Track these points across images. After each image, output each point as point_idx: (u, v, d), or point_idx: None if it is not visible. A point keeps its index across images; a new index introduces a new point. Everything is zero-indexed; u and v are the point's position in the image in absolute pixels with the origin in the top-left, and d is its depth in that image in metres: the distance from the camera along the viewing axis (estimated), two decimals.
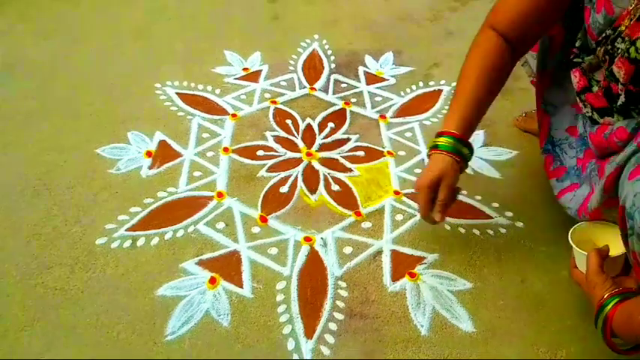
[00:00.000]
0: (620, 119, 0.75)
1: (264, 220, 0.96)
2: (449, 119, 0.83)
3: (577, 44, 0.83)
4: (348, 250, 0.91)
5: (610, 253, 0.74)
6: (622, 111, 0.74)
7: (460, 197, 1.02)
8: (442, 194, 0.80)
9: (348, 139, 1.14)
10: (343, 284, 0.86)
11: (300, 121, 1.19)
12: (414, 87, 1.30)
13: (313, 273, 0.88)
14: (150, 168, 1.05)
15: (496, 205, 1.00)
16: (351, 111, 1.22)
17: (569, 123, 0.89)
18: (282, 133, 1.15)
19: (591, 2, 0.77)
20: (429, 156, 0.83)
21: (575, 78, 0.81)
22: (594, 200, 0.74)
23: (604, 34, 0.74)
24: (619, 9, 0.71)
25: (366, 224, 0.96)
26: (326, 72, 1.34)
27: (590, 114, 0.81)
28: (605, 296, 0.69)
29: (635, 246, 0.62)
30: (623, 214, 0.63)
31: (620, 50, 0.71)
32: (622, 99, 0.73)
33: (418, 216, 0.97)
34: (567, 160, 0.87)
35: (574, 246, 0.78)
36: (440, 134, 0.83)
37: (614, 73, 0.72)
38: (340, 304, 0.83)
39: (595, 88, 0.78)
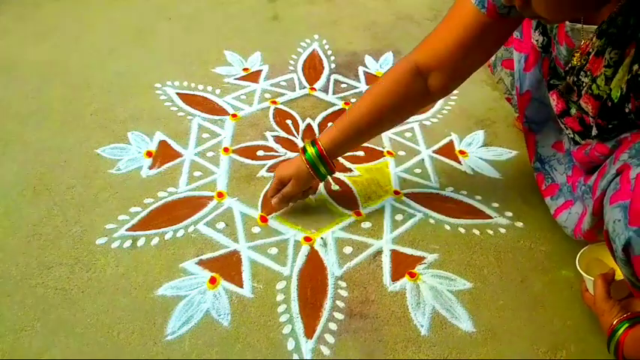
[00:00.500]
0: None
1: (264, 220, 0.96)
2: (328, 134, 0.88)
3: (551, 65, 0.83)
4: (348, 250, 0.92)
5: (615, 277, 0.75)
6: (599, 138, 0.75)
7: (460, 197, 1.02)
8: (287, 189, 0.90)
9: None
10: (343, 284, 0.86)
11: (300, 121, 1.19)
12: None
13: (313, 273, 0.88)
14: (150, 168, 1.05)
15: (496, 205, 1.00)
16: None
17: (555, 138, 0.90)
18: (283, 133, 1.15)
19: (554, 34, 0.78)
20: (301, 149, 0.89)
21: (554, 101, 0.81)
22: (586, 223, 0.74)
23: (569, 65, 0.74)
24: (577, 42, 0.72)
25: (366, 224, 0.96)
26: (326, 72, 1.34)
27: (572, 136, 0.81)
28: (614, 322, 0.71)
29: (622, 269, 0.63)
30: (608, 237, 0.64)
31: (584, 84, 0.71)
32: (594, 131, 0.74)
33: (418, 216, 0.98)
34: (558, 176, 0.88)
35: (581, 272, 0.78)
36: (314, 142, 0.88)
37: (583, 107, 0.73)
38: (340, 303, 0.83)
39: (573, 111, 0.79)
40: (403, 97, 0.83)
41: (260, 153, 1.10)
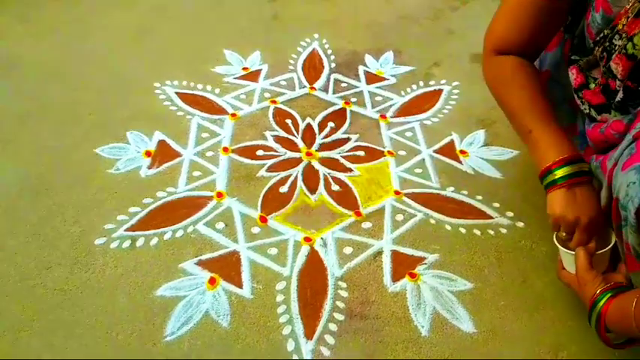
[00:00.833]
0: (617, 115, 0.75)
1: (263, 220, 0.96)
2: (545, 154, 0.75)
3: (575, 42, 0.82)
4: (348, 250, 0.91)
5: (596, 250, 0.74)
6: (620, 107, 0.74)
7: (461, 197, 1.02)
8: (582, 231, 0.74)
9: (348, 139, 1.14)
10: (343, 284, 0.86)
11: (300, 120, 1.19)
12: (414, 86, 1.29)
13: (313, 273, 0.87)
14: (149, 168, 1.05)
15: (497, 205, 1.00)
16: (351, 111, 1.22)
17: (569, 120, 0.89)
18: (282, 133, 1.15)
19: (590, 2, 0.77)
20: (550, 188, 0.75)
21: (573, 75, 0.80)
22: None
23: (602, 34, 0.73)
24: (617, 9, 0.71)
25: (366, 224, 0.96)
26: (326, 71, 1.33)
27: (587, 111, 0.80)
28: (598, 292, 0.69)
29: (629, 237, 0.61)
30: (617, 205, 0.62)
31: (617, 47, 0.70)
32: (620, 95, 0.72)
33: (418, 216, 0.97)
34: None
35: (560, 247, 0.77)
36: (550, 170, 0.74)
37: (612, 70, 0.72)
38: (340, 304, 0.83)
39: (592, 85, 0.78)
40: (537, 81, 0.81)
41: (260, 153, 1.10)
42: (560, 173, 0.73)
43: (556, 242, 0.78)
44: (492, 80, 0.84)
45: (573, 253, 0.75)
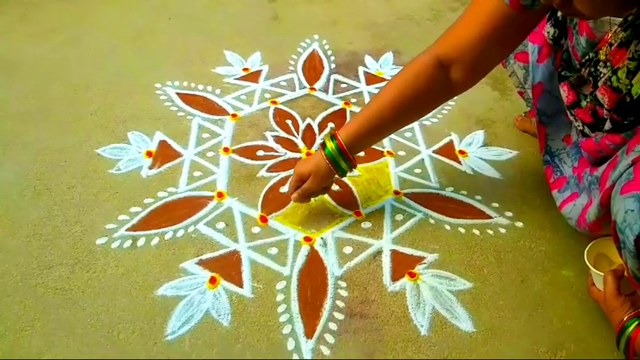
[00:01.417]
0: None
1: (264, 220, 0.96)
2: (347, 128, 0.86)
3: (564, 56, 0.82)
4: (348, 250, 0.92)
5: (625, 273, 0.74)
6: (611, 133, 0.74)
7: (460, 197, 1.02)
8: (307, 185, 0.89)
9: None
10: (343, 284, 0.86)
11: (300, 121, 1.19)
12: None
13: (313, 273, 0.88)
14: (150, 168, 1.05)
15: (496, 205, 1.00)
16: (351, 111, 1.22)
17: (565, 132, 0.89)
18: (283, 133, 1.15)
19: (573, 24, 0.77)
20: (320, 145, 0.88)
21: (564, 92, 0.80)
22: (592, 213, 0.73)
23: (587, 57, 0.73)
24: (600, 34, 0.71)
25: (366, 224, 0.96)
26: (326, 72, 1.34)
27: (581, 128, 0.80)
28: (625, 319, 0.71)
29: (629, 261, 0.62)
30: (615, 228, 0.63)
31: (602, 74, 0.70)
32: (608, 125, 0.73)
33: (418, 216, 0.98)
34: (566, 169, 0.87)
35: (590, 267, 0.78)
36: (333, 136, 0.86)
37: (599, 99, 0.72)
38: (340, 303, 0.83)
39: (584, 103, 0.78)
40: (425, 90, 0.81)
41: (260, 153, 1.10)
42: (330, 147, 0.86)
43: (587, 262, 0.79)
44: (406, 65, 0.83)
45: (602, 274, 0.76)
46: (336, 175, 0.90)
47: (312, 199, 0.95)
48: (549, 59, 0.87)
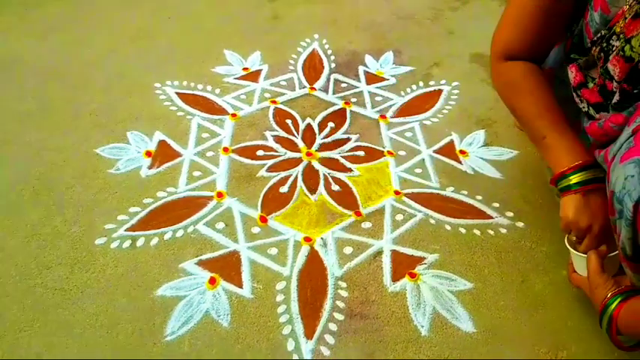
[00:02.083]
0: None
1: (264, 220, 0.96)
2: (560, 159, 0.76)
3: (575, 40, 0.82)
4: (348, 250, 0.91)
5: (607, 254, 0.74)
6: (616, 108, 0.74)
7: (461, 197, 1.02)
8: (596, 235, 0.75)
9: (348, 139, 1.14)
10: (343, 284, 0.86)
11: (300, 120, 1.19)
12: (414, 87, 1.29)
13: (313, 273, 0.87)
14: (149, 168, 1.05)
15: (497, 205, 1.00)
16: (351, 111, 1.22)
17: (574, 117, 0.89)
18: (282, 133, 1.15)
19: (589, 0, 0.77)
20: (584, 192, 0.75)
21: (572, 73, 0.81)
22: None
23: (599, 34, 0.73)
24: (615, 9, 0.71)
25: (366, 224, 0.96)
26: (326, 72, 1.33)
27: (586, 109, 0.80)
28: (609, 295, 0.70)
29: (622, 230, 0.61)
30: (613, 199, 0.62)
31: (614, 48, 0.70)
32: (616, 97, 0.72)
33: (418, 216, 0.97)
34: None
35: (571, 250, 0.78)
36: (563, 175, 0.76)
37: (609, 71, 0.72)
38: (340, 304, 0.83)
39: (590, 85, 0.78)
40: (547, 85, 0.81)
41: (260, 153, 1.10)
42: (574, 179, 0.74)
43: (567, 245, 0.78)
44: (503, 87, 0.84)
45: (584, 256, 0.75)
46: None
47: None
48: (560, 46, 0.87)
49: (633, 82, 0.69)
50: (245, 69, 1.33)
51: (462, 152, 1.12)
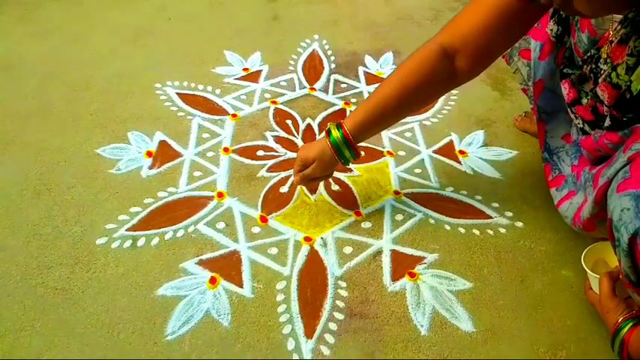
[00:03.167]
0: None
1: (264, 220, 0.96)
2: (353, 118, 0.85)
3: (566, 54, 0.82)
4: (348, 250, 0.92)
5: (620, 275, 0.74)
6: (610, 130, 0.74)
7: (460, 197, 1.02)
8: (309, 171, 0.89)
9: None
10: (343, 284, 0.86)
11: (300, 121, 1.19)
12: None
13: (313, 273, 0.88)
14: (150, 168, 1.05)
15: (496, 205, 1.00)
16: (350, 111, 1.22)
17: (565, 130, 0.89)
18: (283, 133, 1.15)
19: (575, 21, 0.77)
20: (326, 132, 0.87)
21: (565, 90, 0.81)
22: (586, 211, 0.73)
23: (589, 53, 0.73)
24: (601, 31, 0.71)
25: (366, 224, 0.96)
26: (326, 72, 1.34)
27: (581, 125, 0.80)
28: (620, 320, 0.71)
29: (622, 259, 0.63)
30: (611, 226, 0.63)
31: (603, 71, 0.70)
32: (608, 122, 0.73)
33: (418, 216, 0.98)
34: (565, 168, 0.88)
35: (587, 270, 0.78)
36: (339, 125, 0.86)
37: (599, 96, 0.72)
38: (340, 303, 0.83)
39: (584, 101, 0.78)
40: (429, 78, 0.81)
41: (260, 153, 1.10)
42: (335, 135, 0.85)
43: (584, 265, 0.79)
44: (410, 55, 0.83)
45: (598, 277, 0.76)
46: (340, 164, 0.89)
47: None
48: (551, 57, 0.87)
49: (622, 110, 0.69)
50: (245, 69, 1.33)
51: (462, 152, 1.12)
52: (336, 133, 0.85)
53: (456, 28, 0.79)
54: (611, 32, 0.68)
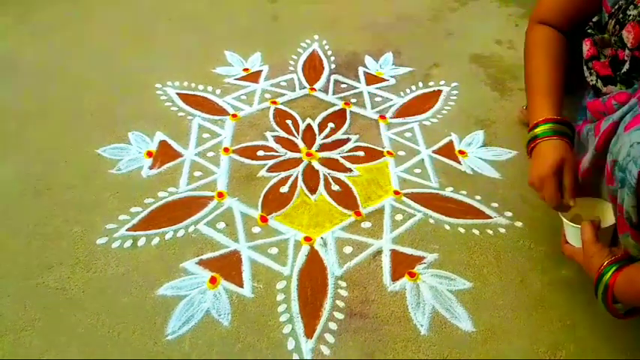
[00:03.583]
0: (622, 88, 0.75)
1: (264, 220, 0.96)
2: (539, 109, 0.81)
3: (595, 19, 0.84)
4: (348, 249, 0.92)
5: (602, 224, 0.74)
6: (625, 80, 0.74)
7: (460, 197, 1.02)
8: (569, 178, 0.76)
9: (348, 140, 1.14)
10: (343, 284, 0.86)
11: (300, 121, 1.19)
12: (413, 87, 1.30)
13: (313, 273, 0.88)
14: (150, 168, 1.06)
15: (496, 205, 1.01)
16: (351, 111, 1.22)
17: (571, 92, 0.89)
18: (283, 134, 1.16)
19: None
20: (531, 150, 0.80)
21: (586, 46, 0.82)
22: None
23: (617, 5, 0.74)
24: None
25: (366, 224, 0.96)
26: (326, 72, 1.34)
27: (594, 82, 0.81)
28: (605, 263, 0.69)
29: (625, 199, 0.61)
30: (613, 169, 0.62)
31: (631, 17, 0.71)
32: (627, 66, 0.73)
33: (418, 216, 0.98)
34: None
35: (565, 220, 0.78)
36: (537, 124, 0.79)
37: (623, 39, 0.73)
38: (340, 303, 0.84)
39: (602, 58, 0.80)
40: (564, 56, 0.86)
41: (260, 153, 1.10)
42: (539, 130, 0.79)
43: (561, 216, 0.78)
44: (526, 46, 0.89)
45: (578, 226, 0.75)
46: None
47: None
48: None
49: None
50: (245, 70, 1.33)
51: (461, 152, 1.12)
52: (547, 127, 0.78)
53: (550, 7, 0.87)
54: None
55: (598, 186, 0.78)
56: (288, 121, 1.19)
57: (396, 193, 1.03)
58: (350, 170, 1.07)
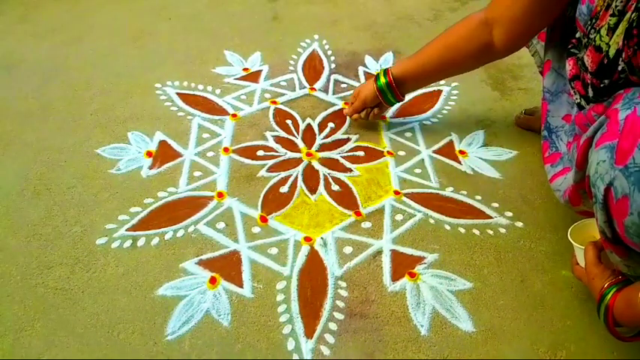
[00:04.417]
0: None
1: (264, 220, 0.96)
2: (399, 67, 1.04)
3: (577, 35, 0.83)
4: (348, 250, 0.92)
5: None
6: (594, 100, 0.74)
7: (460, 197, 1.02)
8: (359, 104, 1.12)
9: (348, 139, 1.14)
10: (343, 284, 0.86)
11: (300, 121, 1.19)
12: None
13: (313, 273, 0.88)
14: (150, 168, 1.06)
15: (496, 205, 1.01)
16: None
17: (566, 111, 0.90)
18: (283, 133, 1.15)
19: None
20: (374, 77, 1.07)
21: (569, 66, 0.82)
22: (569, 177, 0.73)
23: (587, 26, 0.74)
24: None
25: (366, 224, 0.96)
26: (326, 72, 1.34)
27: (578, 101, 0.81)
28: (606, 285, 0.70)
29: (598, 214, 0.62)
30: (589, 185, 0.63)
31: (592, 40, 0.71)
32: (590, 91, 0.73)
33: (418, 216, 0.98)
34: (562, 146, 0.88)
35: (573, 242, 0.78)
36: (386, 72, 1.05)
37: (585, 63, 0.73)
38: (340, 303, 0.84)
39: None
40: (468, 43, 0.92)
41: (260, 153, 1.10)
42: (383, 82, 1.05)
43: (570, 238, 0.79)
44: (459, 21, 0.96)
45: (583, 248, 0.76)
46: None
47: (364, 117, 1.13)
48: (559, 40, 0.89)
49: (601, 76, 0.69)
50: (245, 69, 1.33)
51: (462, 152, 1.12)
52: (382, 79, 1.04)
53: (499, 2, 0.87)
54: (601, 2, 0.69)
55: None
56: (288, 121, 1.19)
57: (396, 193, 1.03)
58: (350, 170, 1.07)
